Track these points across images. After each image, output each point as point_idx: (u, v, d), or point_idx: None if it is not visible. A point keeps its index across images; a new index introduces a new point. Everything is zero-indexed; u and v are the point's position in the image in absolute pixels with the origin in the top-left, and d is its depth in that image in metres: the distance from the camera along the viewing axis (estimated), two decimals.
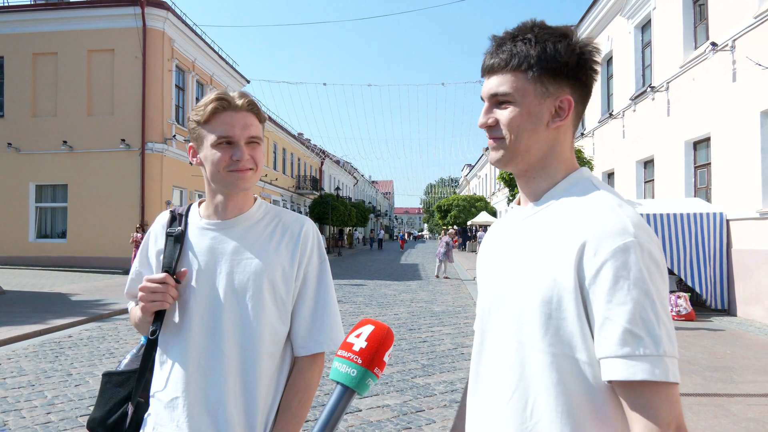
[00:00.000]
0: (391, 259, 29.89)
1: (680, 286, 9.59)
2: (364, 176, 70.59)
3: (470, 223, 36.36)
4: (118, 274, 15.76)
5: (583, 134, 16.88)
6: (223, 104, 1.27)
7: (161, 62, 17.62)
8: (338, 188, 37.89)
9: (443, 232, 20.72)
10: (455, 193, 66.02)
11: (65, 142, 17.36)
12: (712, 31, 9.86)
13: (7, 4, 18.09)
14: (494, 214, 36.51)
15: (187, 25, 18.84)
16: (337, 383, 1.04)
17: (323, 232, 36.04)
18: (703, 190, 10.48)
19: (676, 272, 9.22)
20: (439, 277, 17.04)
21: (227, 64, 23.00)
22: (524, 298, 0.94)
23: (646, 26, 13.14)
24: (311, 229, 1.40)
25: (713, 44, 9.48)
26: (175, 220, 1.40)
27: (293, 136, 35.29)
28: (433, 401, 4.65)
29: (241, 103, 1.29)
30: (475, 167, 53.69)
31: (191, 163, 1.39)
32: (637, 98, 12.95)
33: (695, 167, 10.74)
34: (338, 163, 50.69)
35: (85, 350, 6.54)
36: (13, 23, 17.77)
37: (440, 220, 41.20)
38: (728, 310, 9.27)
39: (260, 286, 1.28)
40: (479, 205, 37.95)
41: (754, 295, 8.64)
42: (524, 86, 0.97)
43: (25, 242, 17.72)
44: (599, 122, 15.76)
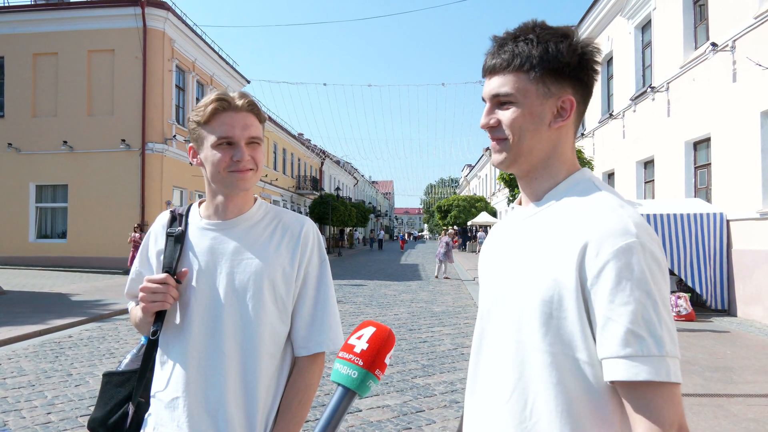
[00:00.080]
0: (391, 259, 29.89)
1: (680, 286, 9.59)
2: (364, 176, 70.61)
3: (470, 223, 36.37)
4: (118, 274, 15.77)
5: (583, 134, 16.88)
6: (223, 105, 1.27)
7: (161, 62, 17.63)
8: (338, 188, 37.90)
9: (443, 232, 20.70)
10: (455, 193, 66.02)
11: (65, 142, 17.37)
12: (712, 31, 9.86)
13: (7, 4, 18.12)
14: (494, 214, 36.51)
15: (187, 25, 18.85)
16: (338, 385, 1.05)
17: (323, 232, 36.04)
18: (703, 190, 10.48)
19: (676, 272, 9.22)
20: (438, 277, 17.04)
21: (227, 64, 23.02)
22: (525, 297, 0.94)
23: (646, 26, 13.14)
24: (311, 229, 1.40)
25: (713, 44, 9.48)
26: (175, 220, 1.40)
27: (293, 136, 35.31)
28: (433, 401, 4.65)
29: (241, 103, 1.29)
30: (475, 167, 53.69)
31: (191, 163, 1.39)
32: (637, 98, 12.95)
33: (695, 167, 10.74)
34: (338, 163, 50.70)
35: (85, 350, 6.54)
36: (13, 23, 17.78)
37: (440, 220, 41.19)
38: (728, 310, 9.27)
39: (260, 286, 1.28)
40: (479, 205, 37.96)
41: (754, 295, 8.64)
42: (526, 87, 0.97)
43: (25, 242, 17.73)
44: (599, 122, 15.76)
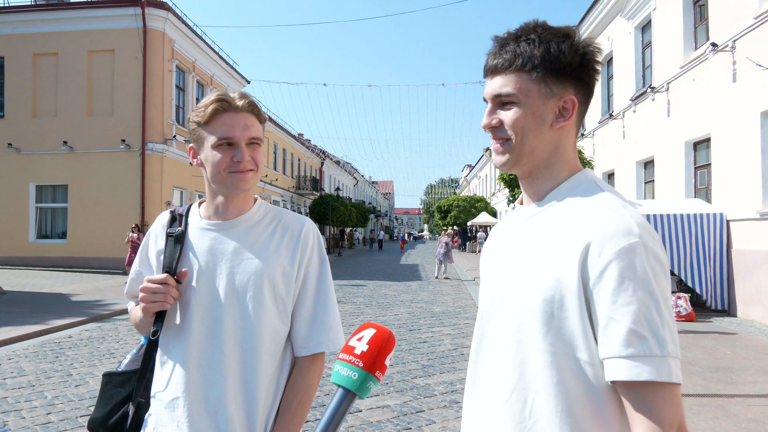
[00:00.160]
0: (391, 259, 29.89)
1: (680, 286, 9.59)
2: (364, 177, 70.62)
3: (470, 223, 36.38)
4: (118, 274, 15.76)
5: (583, 135, 16.88)
6: (223, 105, 1.27)
7: (161, 63, 17.63)
8: (338, 189, 37.90)
9: (443, 232, 20.71)
10: (455, 193, 66.03)
11: (65, 142, 17.37)
12: (712, 31, 9.86)
13: (7, 4, 18.12)
14: (494, 214, 36.52)
15: (187, 25, 18.85)
16: (338, 386, 1.04)
17: (323, 232, 36.03)
18: (703, 190, 10.48)
19: (676, 273, 9.22)
20: (438, 278, 17.03)
21: (227, 64, 23.02)
22: (526, 297, 0.94)
23: (646, 27, 13.14)
24: (311, 229, 1.40)
25: (713, 45, 9.49)
26: (175, 220, 1.40)
27: (293, 136, 35.32)
28: (433, 402, 4.65)
29: (241, 104, 1.29)
30: (475, 168, 53.69)
31: (191, 163, 1.39)
32: (637, 99, 12.95)
33: (695, 168, 10.74)
34: (338, 163, 50.70)
35: (85, 350, 6.54)
36: (13, 23, 17.78)
37: (440, 220, 41.19)
38: (728, 310, 9.27)
39: (260, 286, 1.28)
40: (479, 205, 37.97)
41: (754, 295, 8.64)
42: (528, 87, 0.97)
43: (25, 242, 17.73)
44: (599, 123, 15.76)
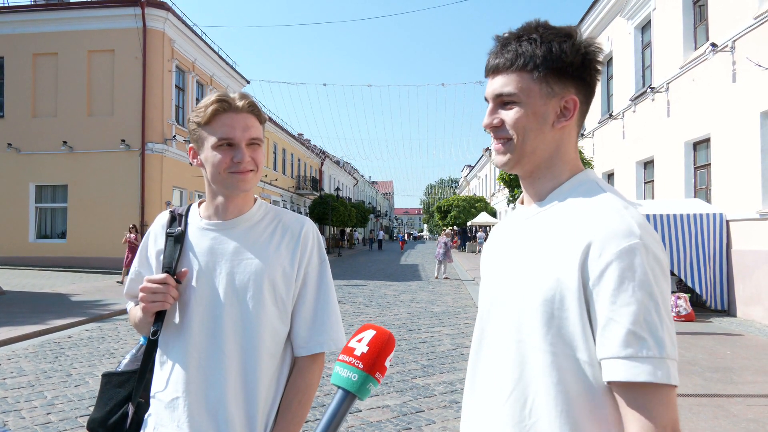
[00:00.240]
0: (390, 259, 29.89)
1: (680, 286, 9.59)
2: (364, 177, 70.62)
3: (470, 223, 36.37)
4: (117, 274, 15.74)
5: (583, 135, 16.87)
6: (223, 106, 1.27)
7: (161, 63, 17.63)
8: (338, 189, 37.89)
9: (442, 233, 20.71)
10: (455, 193, 66.04)
11: (65, 142, 17.37)
12: (712, 31, 9.86)
13: (7, 4, 18.13)
14: (494, 214, 36.52)
15: (187, 25, 18.85)
16: (338, 387, 1.05)
17: (323, 232, 36.03)
18: (703, 190, 10.48)
19: (676, 273, 9.22)
20: (438, 278, 17.03)
21: (227, 64, 23.02)
22: (526, 297, 0.94)
23: (646, 27, 13.14)
24: (311, 229, 1.40)
25: (713, 45, 9.49)
26: (174, 220, 1.40)
27: (293, 136, 35.31)
28: (432, 402, 4.65)
29: (241, 104, 1.28)
30: (475, 168, 53.69)
31: (191, 163, 1.39)
32: (637, 99, 12.95)
33: (695, 168, 10.75)
34: (338, 163, 50.70)
35: (84, 351, 6.53)
36: (13, 23, 17.78)
37: (440, 220, 41.19)
38: (728, 310, 9.27)
39: (260, 286, 1.28)
40: (479, 205, 37.97)
41: (754, 295, 8.64)
42: (529, 86, 0.97)
43: (25, 242, 17.73)
44: (599, 123, 15.77)
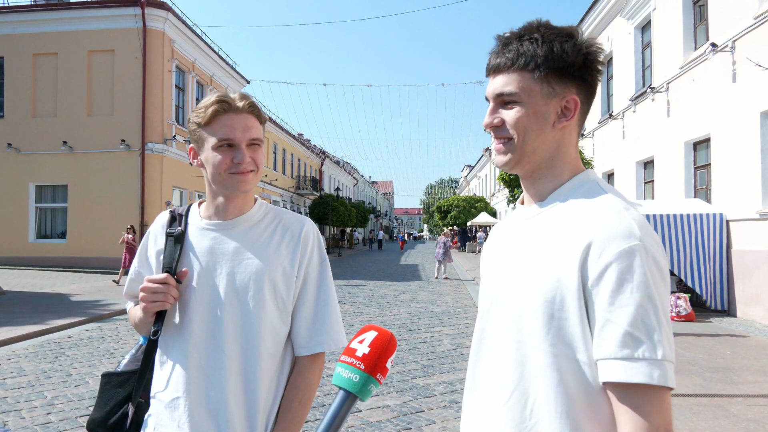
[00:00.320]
0: (390, 259, 29.88)
1: (680, 286, 9.59)
2: (364, 177, 70.61)
3: (470, 223, 36.37)
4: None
5: (583, 135, 16.87)
6: (223, 106, 1.27)
7: (161, 63, 17.63)
8: (338, 189, 37.88)
9: (441, 233, 20.72)
10: (455, 193, 66.04)
11: (65, 142, 17.37)
12: (712, 31, 9.86)
13: (7, 4, 18.12)
14: (494, 214, 36.52)
15: (187, 25, 18.85)
16: (339, 388, 1.04)
17: (323, 232, 36.02)
18: (703, 190, 10.48)
19: (676, 273, 9.22)
20: (438, 278, 17.04)
21: (227, 64, 23.01)
22: (526, 297, 0.94)
23: (646, 27, 13.14)
24: (311, 229, 1.40)
25: (713, 45, 9.49)
26: (174, 220, 1.40)
27: (293, 136, 35.31)
28: (432, 402, 4.65)
29: (241, 105, 1.28)
30: (475, 168, 53.69)
31: (191, 164, 1.39)
32: (637, 99, 12.95)
33: (695, 168, 10.75)
34: (338, 163, 50.69)
35: (84, 351, 6.53)
36: (13, 23, 17.78)
37: (440, 220, 41.20)
38: (728, 310, 9.27)
39: (261, 286, 1.28)
40: (479, 205, 37.97)
41: (753, 295, 8.64)
42: (530, 86, 0.96)
43: (24, 242, 17.73)
44: (599, 123, 15.77)
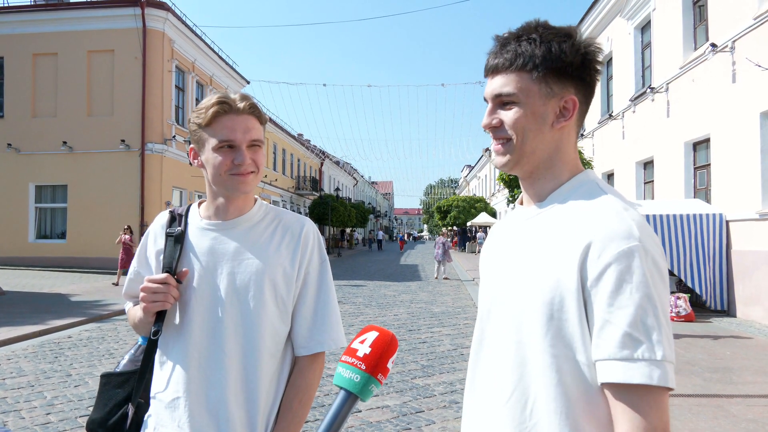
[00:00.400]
0: (390, 259, 29.88)
1: (680, 287, 9.60)
2: (363, 177, 70.60)
3: (470, 223, 36.36)
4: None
5: (582, 135, 16.88)
6: (224, 108, 1.26)
7: (161, 63, 17.62)
8: (338, 189, 37.87)
9: (440, 233, 20.74)
10: (455, 193, 66.02)
11: (65, 142, 17.36)
12: (711, 32, 9.86)
13: (7, 4, 18.12)
14: (494, 214, 36.51)
15: (187, 25, 18.84)
16: (340, 388, 1.04)
17: (323, 232, 36.01)
18: (702, 191, 10.49)
19: (675, 273, 9.22)
20: (438, 278, 17.04)
21: (227, 64, 23.01)
22: (526, 298, 0.94)
23: (645, 27, 13.15)
24: (312, 229, 1.40)
25: (713, 45, 9.49)
26: (174, 220, 1.40)
27: (293, 136, 35.30)
28: (432, 402, 4.65)
29: (242, 106, 1.28)
30: (474, 168, 53.67)
31: (191, 164, 1.39)
32: (636, 99, 12.96)
33: (695, 168, 10.75)
34: (338, 163, 50.68)
35: (84, 351, 6.53)
36: (13, 24, 17.78)
37: (440, 221, 41.20)
38: (728, 311, 9.27)
39: (261, 286, 1.28)
40: (479, 205, 37.96)
41: (753, 295, 8.64)
42: (529, 86, 0.96)
43: (24, 243, 17.72)
44: (599, 123, 15.77)
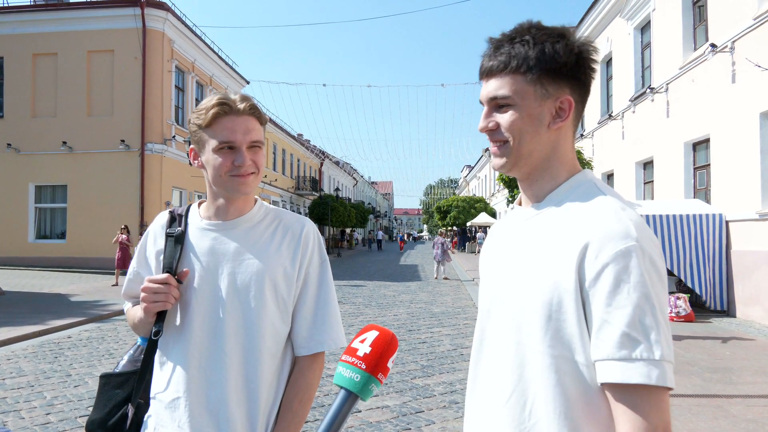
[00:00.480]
0: (390, 260, 29.88)
1: (680, 287, 9.60)
2: (363, 177, 70.60)
3: (470, 224, 36.37)
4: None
5: (582, 135, 16.89)
6: (224, 109, 1.26)
7: (161, 63, 17.62)
8: (338, 189, 37.86)
9: (439, 233, 20.75)
10: (455, 194, 66.02)
11: (65, 142, 17.36)
12: (711, 32, 9.87)
13: (7, 4, 18.12)
14: (494, 215, 36.51)
15: (186, 26, 18.85)
16: (340, 388, 1.04)
17: (323, 233, 36.00)
18: (702, 191, 10.49)
19: (675, 273, 9.22)
20: (438, 278, 17.04)
21: (227, 65, 23.01)
22: (525, 299, 0.94)
23: (645, 27, 13.15)
24: (312, 229, 1.40)
25: (713, 45, 9.49)
26: (174, 220, 1.39)
27: (293, 137, 35.30)
28: (432, 402, 4.65)
29: (242, 107, 1.28)
30: (474, 168, 53.68)
31: (191, 164, 1.39)
32: (636, 99, 12.96)
33: (695, 168, 10.75)
34: (338, 164, 50.67)
35: (84, 351, 6.53)
36: (13, 24, 17.77)
37: (440, 221, 41.20)
38: (727, 311, 9.27)
39: (262, 286, 1.29)
40: (479, 206, 37.97)
41: (753, 296, 8.64)
42: (524, 88, 0.96)
43: (24, 243, 17.71)
44: (599, 123, 15.77)
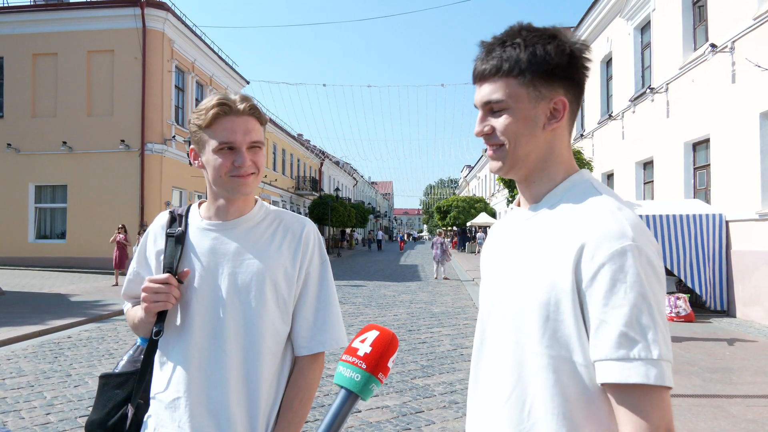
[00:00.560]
0: (390, 260, 29.88)
1: (680, 287, 9.60)
2: (363, 177, 70.62)
3: (470, 224, 36.38)
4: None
5: (582, 135, 16.90)
6: (224, 109, 1.26)
7: (161, 63, 17.63)
8: (338, 189, 37.86)
9: (437, 234, 20.73)
10: (455, 194, 66.03)
11: (65, 142, 17.36)
12: (711, 32, 9.87)
13: (7, 4, 18.12)
14: (494, 215, 36.52)
15: (186, 26, 18.85)
16: (341, 387, 1.05)
17: (323, 233, 36.00)
18: (702, 191, 10.49)
19: (675, 273, 9.23)
20: (438, 278, 17.04)
21: (227, 65, 23.01)
22: (523, 299, 0.94)
23: (645, 27, 13.15)
24: (312, 230, 1.41)
25: (713, 46, 9.49)
26: (174, 220, 1.39)
27: (293, 137, 35.31)
28: (432, 402, 4.65)
29: (242, 107, 1.28)
30: (474, 168, 53.70)
31: (191, 164, 1.39)
32: (636, 99, 12.96)
33: (694, 168, 10.75)
34: (338, 164, 50.68)
35: (84, 351, 6.53)
36: (13, 24, 17.78)
37: (440, 221, 41.21)
38: (727, 311, 9.27)
39: (263, 286, 1.29)
40: (479, 206, 37.98)
41: (753, 296, 8.64)
42: (517, 91, 0.96)
43: (24, 243, 17.72)
44: (599, 123, 15.77)
